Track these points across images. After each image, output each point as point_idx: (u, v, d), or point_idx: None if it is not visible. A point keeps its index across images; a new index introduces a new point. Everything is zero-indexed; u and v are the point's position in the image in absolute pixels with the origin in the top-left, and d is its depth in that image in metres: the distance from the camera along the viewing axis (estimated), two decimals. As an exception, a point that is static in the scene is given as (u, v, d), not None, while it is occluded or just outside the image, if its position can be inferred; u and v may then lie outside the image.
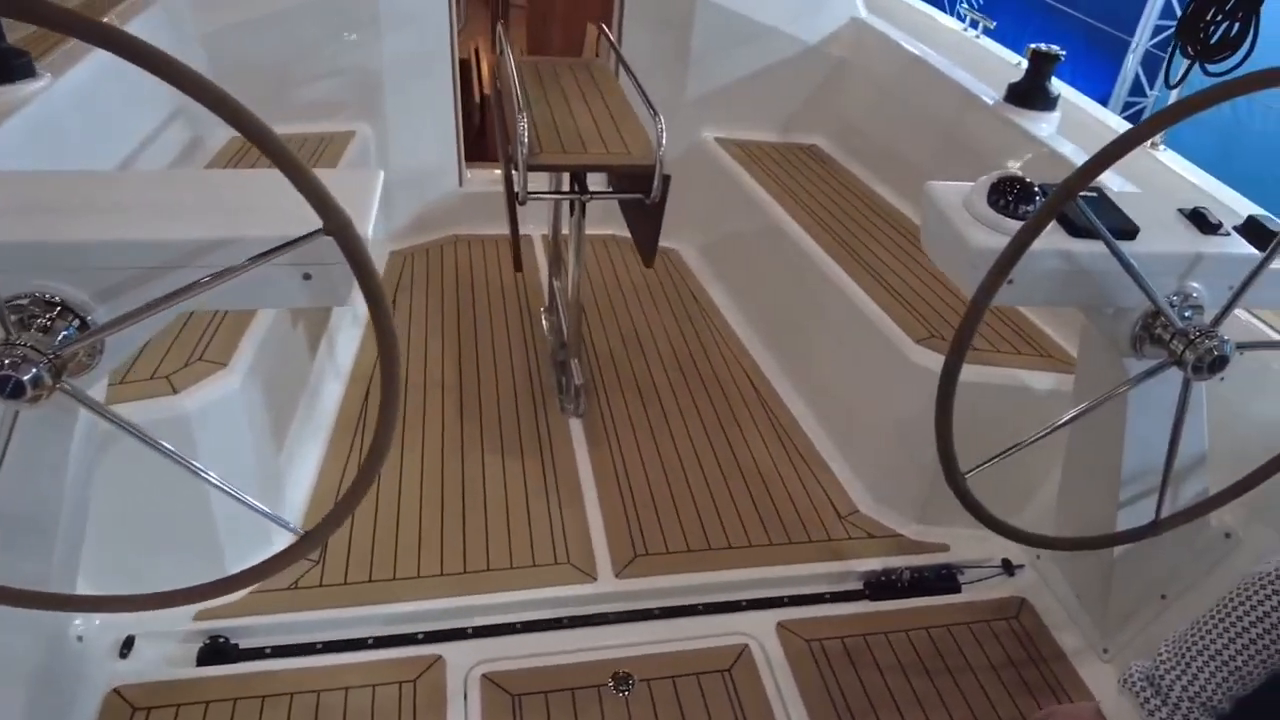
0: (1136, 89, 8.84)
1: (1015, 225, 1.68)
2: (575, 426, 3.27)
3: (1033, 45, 3.27)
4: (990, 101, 3.43)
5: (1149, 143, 3.07)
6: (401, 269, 4.22)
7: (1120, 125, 3.20)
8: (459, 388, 3.40)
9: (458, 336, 3.72)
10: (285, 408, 2.86)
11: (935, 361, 2.71)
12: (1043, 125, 3.25)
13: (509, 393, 3.41)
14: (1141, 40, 8.50)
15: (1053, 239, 1.71)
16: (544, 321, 3.85)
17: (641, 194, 2.72)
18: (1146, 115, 9.39)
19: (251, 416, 2.45)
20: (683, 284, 4.34)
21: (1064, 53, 3.26)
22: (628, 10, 4.15)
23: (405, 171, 4.23)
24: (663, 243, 4.85)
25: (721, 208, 4.21)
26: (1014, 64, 3.70)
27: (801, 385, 3.50)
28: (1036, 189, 1.74)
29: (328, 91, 3.92)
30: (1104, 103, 4.31)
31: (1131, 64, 8.74)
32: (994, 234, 1.69)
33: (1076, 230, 1.73)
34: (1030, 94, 3.29)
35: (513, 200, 2.57)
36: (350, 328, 3.63)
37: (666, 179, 2.65)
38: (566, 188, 3.00)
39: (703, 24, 4.10)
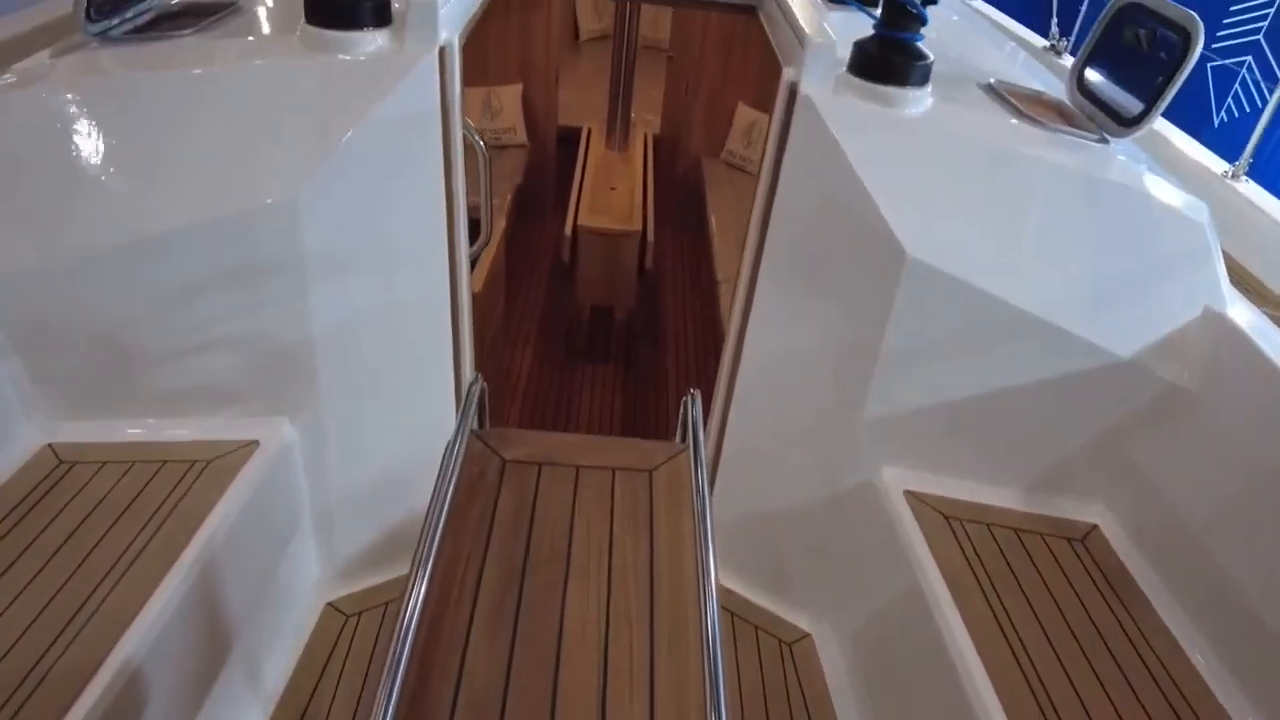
0: None
1: None
2: None
3: None
4: None
5: None
6: (335, 643, 2.50)
7: None
8: None
9: None
10: None
11: None
12: None
13: None
14: None
15: None
16: None
17: None
18: None
19: None
20: (800, 706, 2.46)
21: None
22: (776, 239, 2.26)
23: (356, 486, 2.51)
24: (794, 620, 2.75)
25: (889, 601, 2.31)
26: None
27: None
28: None
29: (212, 372, 2.22)
30: None
31: None
32: None
33: None
34: None
35: None
36: None
37: None
38: None
39: (913, 296, 2.14)
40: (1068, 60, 4.08)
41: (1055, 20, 4.14)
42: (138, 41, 2.14)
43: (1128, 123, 2.24)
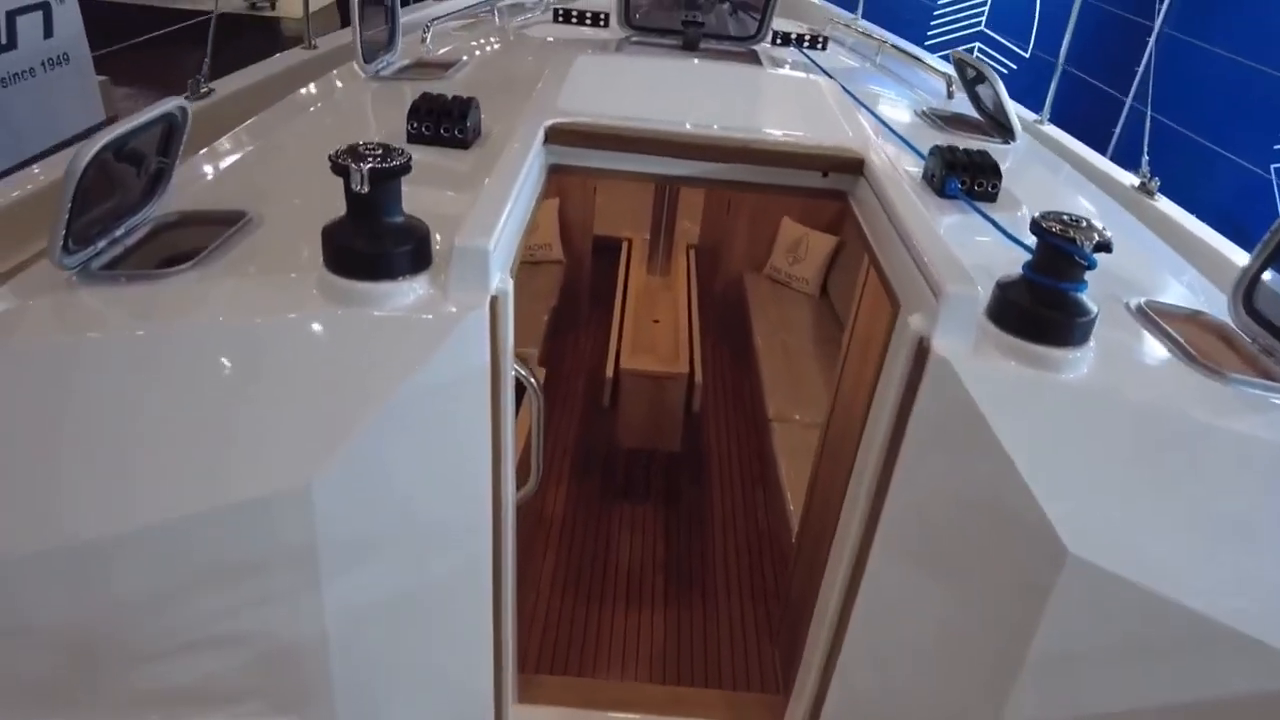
0: None
1: None
2: None
3: None
4: None
5: None
6: None
7: None
8: None
9: None
10: None
11: None
12: None
13: None
14: None
15: None
16: None
17: None
18: None
19: None
20: None
21: None
22: (894, 511, 1.86)
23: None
24: None
25: None
26: None
27: None
28: None
29: (202, 672, 1.81)
30: None
31: None
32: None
33: None
34: None
35: None
36: None
37: None
38: None
39: (1072, 597, 1.72)
40: (1161, 203, 3.70)
41: (1146, 156, 3.77)
42: (125, 281, 1.77)
43: None
